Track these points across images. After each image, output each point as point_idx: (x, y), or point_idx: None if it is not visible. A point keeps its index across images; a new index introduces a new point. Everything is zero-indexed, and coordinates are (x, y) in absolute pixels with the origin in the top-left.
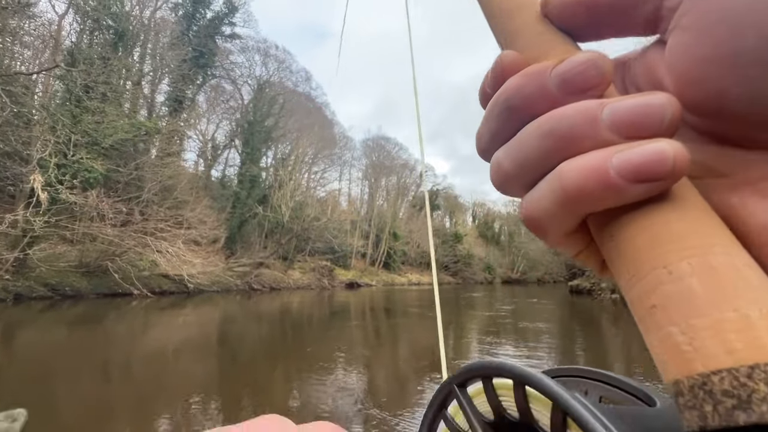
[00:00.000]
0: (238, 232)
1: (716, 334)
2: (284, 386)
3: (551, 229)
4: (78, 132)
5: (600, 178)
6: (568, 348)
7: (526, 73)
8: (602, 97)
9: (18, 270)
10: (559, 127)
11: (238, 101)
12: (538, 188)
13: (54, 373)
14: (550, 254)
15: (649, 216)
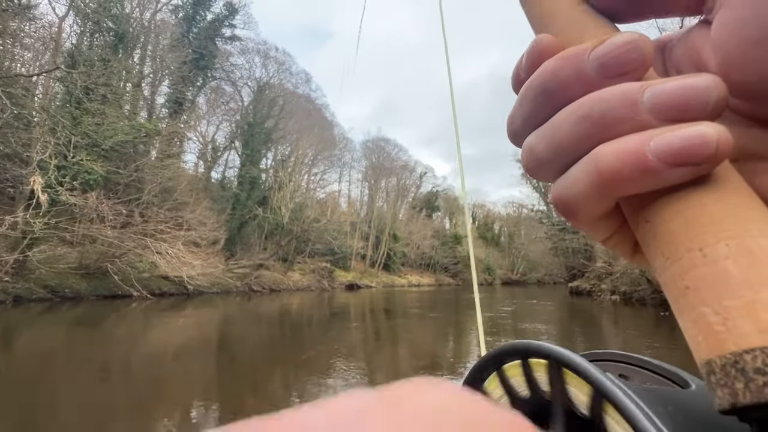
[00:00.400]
0: (237, 234)
1: (749, 314)
2: (284, 388)
3: (583, 212)
4: (78, 134)
5: (638, 161)
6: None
7: (563, 56)
8: (642, 80)
9: (18, 272)
10: (597, 110)
11: (238, 103)
12: (572, 172)
13: (54, 375)
14: (550, 256)
15: (687, 199)
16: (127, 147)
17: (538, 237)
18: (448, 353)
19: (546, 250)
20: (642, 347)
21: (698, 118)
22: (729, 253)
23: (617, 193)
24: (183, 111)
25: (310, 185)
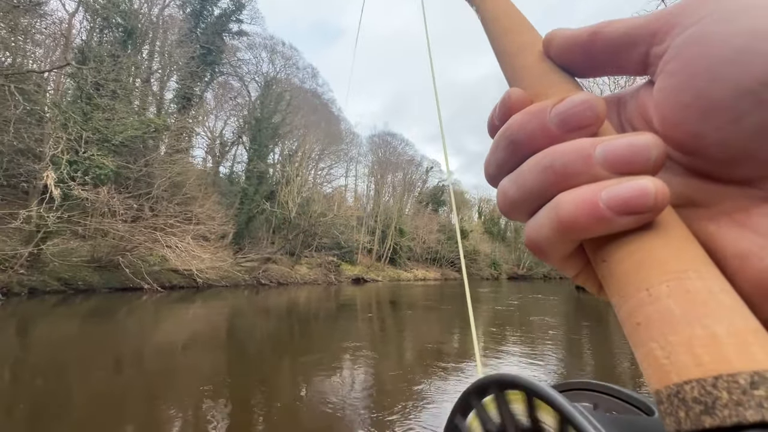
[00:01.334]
0: (246, 228)
1: (687, 349)
2: (292, 380)
3: (551, 253)
4: (89, 129)
5: (591, 210)
6: (573, 343)
7: (529, 111)
8: (597, 134)
9: (32, 265)
10: (557, 163)
11: (245, 98)
12: (539, 216)
13: (67, 366)
14: None
15: (635, 242)
16: (136, 142)
17: None
18: (454, 343)
19: None
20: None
21: (643, 171)
22: (670, 293)
23: (577, 237)
24: (191, 106)
25: (317, 180)
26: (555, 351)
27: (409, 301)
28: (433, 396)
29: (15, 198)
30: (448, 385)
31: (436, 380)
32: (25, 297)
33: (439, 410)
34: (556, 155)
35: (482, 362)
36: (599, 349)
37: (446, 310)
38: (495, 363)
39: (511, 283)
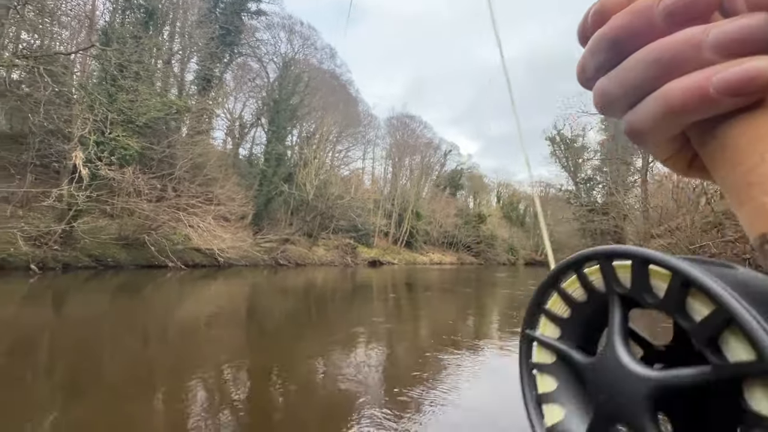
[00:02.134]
0: (264, 209)
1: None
2: (309, 355)
3: (652, 138)
4: (114, 110)
5: (702, 95)
6: None
7: (632, 10)
8: (707, 23)
9: (65, 241)
10: (665, 56)
11: (263, 79)
12: (642, 106)
13: (99, 337)
14: (577, 237)
15: (747, 119)
16: (159, 123)
17: (564, 218)
18: (470, 324)
19: (573, 231)
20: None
21: (756, 52)
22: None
23: (684, 122)
24: (211, 88)
25: (335, 162)
26: None
27: (425, 283)
28: (448, 374)
29: (47, 177)
30: (463, 362)
31: (450, 358)
32: (60, 271)
33: (453, 387)
34: (664, 48)
35: (500, 345)
36: None
37: (462, 293)
38: (513, 345)
39: (529, 269)
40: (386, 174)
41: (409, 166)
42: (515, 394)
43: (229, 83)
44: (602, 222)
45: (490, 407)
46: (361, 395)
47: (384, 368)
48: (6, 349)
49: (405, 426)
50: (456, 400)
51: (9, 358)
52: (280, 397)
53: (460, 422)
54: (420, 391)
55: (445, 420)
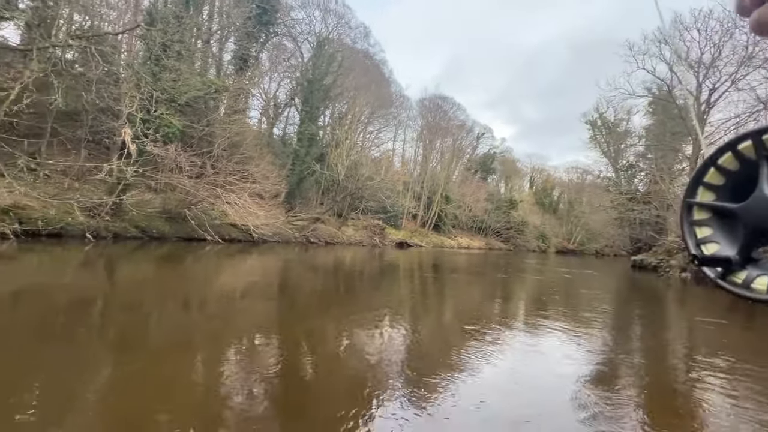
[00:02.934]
0: (297, 188)
1: None
2: (336, 330)
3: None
4: (158, 89)
5: None
6: (624, 321)
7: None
8: None
9: (115, 213)
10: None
11: (298, 59)
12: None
13: (145, 302)
14: (614, 226)
15: None
16: (199, 102)
17: (601, 206)
18: (495, 308)
19: (609, 220)
20: (710, 333)
21: None
22: None
23: None
24: (248, 67)
25: (366, 143)
26: (603, 327)
27: (452, 266)
28: (470, 356)
29: (99, 153)
30: (485, 347)
31: (473, 342)
32: (110, 240)
33: (474, 368)
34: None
35: (527, 333)
36: (651, 331)
37: (489, 277)
38: (540, 333)
39: (560, 257)
40: (416, 156)
41: (440, 148)
42: (534, 376)
43: (264, 63)
44: (643, 211)
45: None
46: (382, 369)
47: (406, 347)
48: (66, 307)
49: (428, 396)
50: (475, 382)
51: (69, 316)
52: (308, 367)
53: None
54: (439, 370)
55: (466, 395)
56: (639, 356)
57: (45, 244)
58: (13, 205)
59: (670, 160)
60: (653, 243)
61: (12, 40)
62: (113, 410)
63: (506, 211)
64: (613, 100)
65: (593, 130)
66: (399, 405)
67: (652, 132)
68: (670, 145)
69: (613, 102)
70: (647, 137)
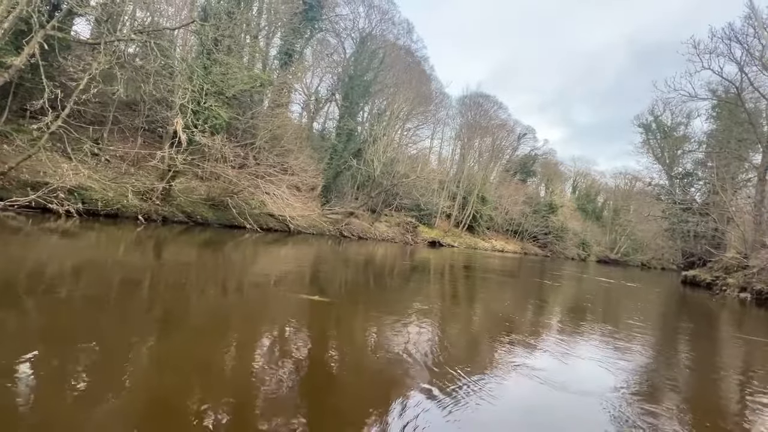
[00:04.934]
0: (333, 182)
1: None
2: (364, 323)
3: None
4: (208, 82)
5: None
6: (667, 343)
7: None
8: None
9: (165, 198)
10: None
11: (340, 55)
12: None
13: (187, 282)
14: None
15: None
16: (245, 96)
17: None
18: (527, 315)
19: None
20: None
21: None
22: None
23: None
24: (292, 63)
25: (403, 140)
26: (644, 349)
27: (483, 271)
28: (495, 363)
29: (152, 141)
30: (512, 356)
31: (500, 349)
32: (160, 223)
33: (497, 378)
34: None
35: (555, 343)
36: (698, 357)
37: (522, 283)
38: (573, 355)
39: (601, 267)
40: (454, 155)
41: (478, 147)
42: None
43: (308, 58)
44: (699, 224)
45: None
46: (412, 366)
47: (432, 348)
48: (119, 282)
49: (450, 391)
50: (494, 388)
51: (120, 291)
52: (335, 356)
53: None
54: (460, 373)
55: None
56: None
57: (102, 224)
58: (78, 186)
59: (734, 169)
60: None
61: (83, 34)
62: (154, 383)
63: (545, 215)
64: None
65: (646, 133)
66: (420, 400)
67: (714, 138)
68: (736, 153)
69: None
70: (708, 143)
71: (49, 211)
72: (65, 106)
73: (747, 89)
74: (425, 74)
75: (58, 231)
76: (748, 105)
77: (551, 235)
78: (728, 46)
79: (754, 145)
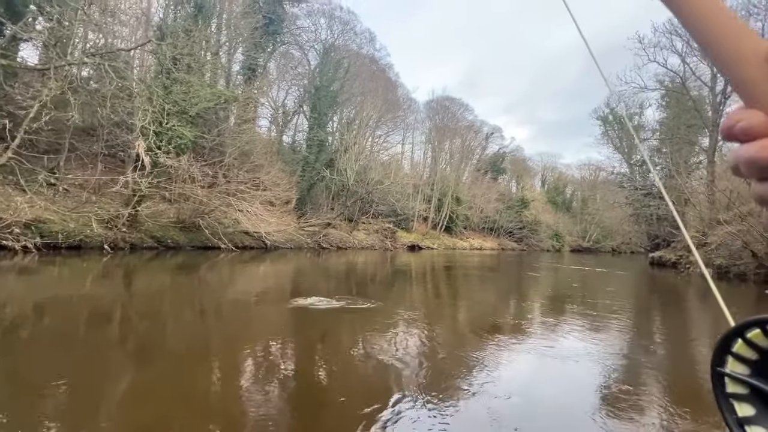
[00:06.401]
0: (307, 194)
1: None
2: (351, 336)
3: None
4: (169, 102)
5: None
6: (641, 319)
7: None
8: None
9: (131, 224)
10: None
11: (305, 67)
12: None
13: (163, 310)
14: (630, 223)
15: None
16: (209, 113)
17: (616, 202)
18: (510, 311)
19: (625, 217)
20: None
21: None
22: None
23: None
24: (256, 77)
25: (374, 147)
26: (621, 326)
27: (464, 268)
28: (484, 361)
29: (115, 166)
30: (501, 352)
31: (488, 346)
32: (128, 251)
33: (487, 374)
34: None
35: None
36: (669, 329)
37: (503, 279)
38: (557, 336)
39: (575, 255)
40: (425, 158)
41: (449, 149)
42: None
43: (272, 72)
44: (660, 207)
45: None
46: (400, 373)
47: (419, 351)
48: (87, 317)
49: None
50: (490, 389)
51: (89, 327)
52: (320, 372)
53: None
54: (451, 376)
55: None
56: (662, 348)
57: (65, 257)
58: (35, 220)
59: (686, 153)
60: (671, 239)
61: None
62: (133, 417)
63: (518, 210)
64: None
65: (605, 125)
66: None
67: (666, 125)
68: (686, 138)
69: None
70: (661, 131)
71: (3, 248)
72: (15, 137)
73: (690, 78)
74: (391, 81)
75: (15, 269)
76: (692, 93)
77: (526, 229)
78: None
79: (702, 129)
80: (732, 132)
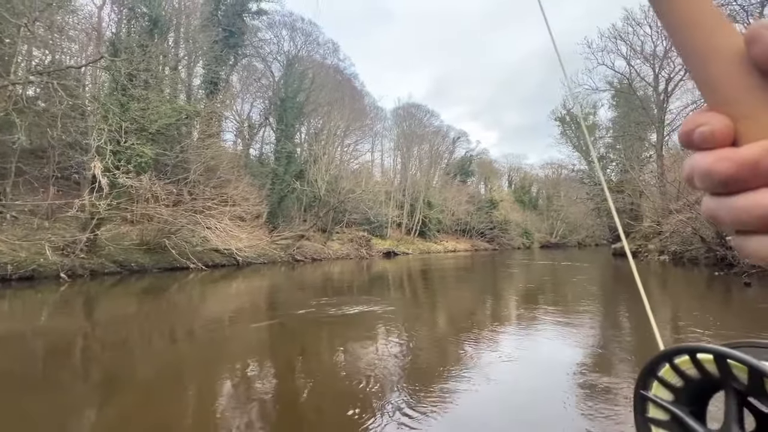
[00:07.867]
0: (278, 207)
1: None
2: (331, 350)
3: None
4: (127, 119)
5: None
6: (609, 307)
7: (740, 162)
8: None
9: (91, 249)
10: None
11: (269, 79)
12: (758, 243)
13: (129, 338)
14: (592, 217)
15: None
16: (171, 130)
17: (578, 198)
18: (486, 311)
19: (587, 212)
20: (693, 309)
21: None
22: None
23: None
24: (218, 91)
25: (344, 157)
26: (591, 316)
27: (440, 272)
28: (466, 361)
29: (69, 189)
30: (481, 352)
31: (468, 347)
32: (88, 278)
33: (468, 374)
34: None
35: (518, 324)
36: (636, 315)
37: (477, 279)
38: (533, 325)
39: (545, 251)
40: (395, 165)
41: (417, 155)
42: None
43: (235, 85)
44: (617, 200)
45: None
46: (379, 383)
47: (402, 358)
48: (46, 354)
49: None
50: (472, 387)
51: (48, 363)
52: (303, 390)
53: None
54: (434, 379)
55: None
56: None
57: (16, 289)
58: None
59: (638, 149)
60: (630, 230)
61: None
62: None
63: (488, 211)
64: (579, 96)
65: (563, 125)
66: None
67: (618, 123)
68: (636, 135)
69: (579, 98)
70: (614, 129)
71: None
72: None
73: (636, 79)
74: (357, 90)
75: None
76: (639, 93)
77: (496, 229)
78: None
79: (650, 126)
80: (690, 138)
